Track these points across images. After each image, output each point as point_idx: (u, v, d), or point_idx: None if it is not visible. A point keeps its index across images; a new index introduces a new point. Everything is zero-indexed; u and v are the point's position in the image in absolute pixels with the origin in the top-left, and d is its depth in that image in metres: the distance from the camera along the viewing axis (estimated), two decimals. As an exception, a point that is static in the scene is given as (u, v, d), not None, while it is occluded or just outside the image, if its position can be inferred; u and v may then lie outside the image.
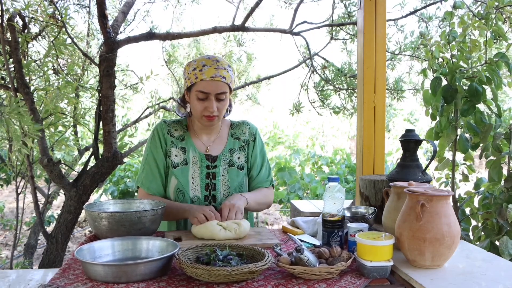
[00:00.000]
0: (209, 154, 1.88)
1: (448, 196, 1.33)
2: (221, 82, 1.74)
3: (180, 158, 1.85)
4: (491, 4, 2.45)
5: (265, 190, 1.97)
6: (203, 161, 1.86)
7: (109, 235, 1.49)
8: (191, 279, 1.24)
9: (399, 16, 3.99)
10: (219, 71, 1.74)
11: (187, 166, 1.85)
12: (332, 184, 1.48)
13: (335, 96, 4.24)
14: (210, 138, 1.91)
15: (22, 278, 1.40)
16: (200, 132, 1.90)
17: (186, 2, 4.48)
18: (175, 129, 1.89)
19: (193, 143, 1.88)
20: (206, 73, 1.73)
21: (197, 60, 1.78)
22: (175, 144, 1.86)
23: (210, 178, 1.86)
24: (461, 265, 1.38)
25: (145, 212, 1.53)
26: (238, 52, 4.87)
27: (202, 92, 1.74)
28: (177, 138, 1.88)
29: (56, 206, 6.76)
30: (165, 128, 1.88)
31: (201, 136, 1.90)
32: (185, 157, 1.86)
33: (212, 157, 1.88)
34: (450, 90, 2.36)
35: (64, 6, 3.38)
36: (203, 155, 1.87)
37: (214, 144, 1.91)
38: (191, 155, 1.86)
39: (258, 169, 1.96)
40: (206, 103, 1.76)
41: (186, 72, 1.80)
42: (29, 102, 2.60)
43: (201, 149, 1.88)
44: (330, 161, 7.34)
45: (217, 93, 1.74)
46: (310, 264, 1.25)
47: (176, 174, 1.83)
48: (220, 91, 1.75)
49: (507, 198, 2.24)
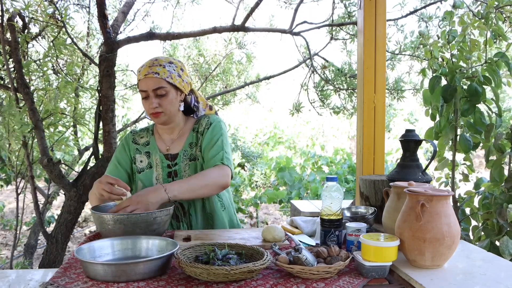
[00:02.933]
0: (168, 154, 1.90)
1: (448, 196, 1.32)
2: (154, 77, 1.77)
3: (145, 163, 1.90)
4: (491, 4, 2.45)
5: (207, 171, 1.77)
6: (163, 162, 1.88)
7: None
8: (190, 278, 1.24)
9: (399, 16, 3.99)
10: (153, 68, 1.78)
11: (151, 170, 1.88)
12: (330, 183, 1.48)
13: (335, 96, 4.25)
14: (172, 137, 1.93)
15: (22, 278, 1.40)
16: (162, 133, 1.94)
17: (186, 2, 4.48)
18: (140, 136, 1.95)
19: (156, 145, 1.92)
20: (142, 73, 1.79)
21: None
22: (140, 151, 1.91)
23: (172, 177, 1.87)
24: (461, 265, 1.38)
25: (160, 212, 1.54)
26: (239, 55, 4.88)
27: (142, 91, 1.80)
28: (142, 144, 1.93)
29: (56, 206, 6.76)
30: (130, 137, 1.95)
31: (164, 136, 1.93)
32: (149, 161, 1.89)
33: (172, 155, 1.89)
34: (449, 90, 2.36)
35: (64, 6, 3.38)
36: (162, 156, 1.89)
37: (175, 142, 1.92)
38: (153, 157, 1.89)
39: (208, 151, 1.82)
40: (149, 101, 1.80)
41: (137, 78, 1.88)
42: (29, 102, 2.60)
43: (162, 149, 1.91)
44: (330, 161, 7.34)
45: (153, 89, 1.77)
46: (308, 264, 1.25)
47: (141, 178, 1.87)
48: (156, 86, 1.77)
49: (507, 198, 2.24)
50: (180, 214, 1.86)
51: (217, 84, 5.02)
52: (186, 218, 1.86)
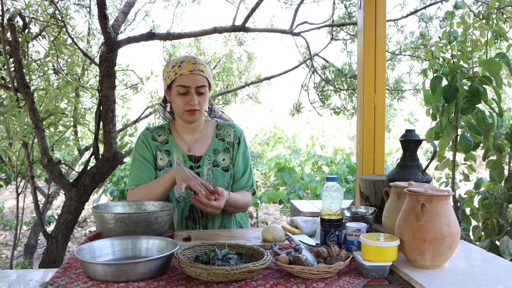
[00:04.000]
0: (192, 155, 1.90)
1: (448, 196, 1.32)
2: (199, 75, 1.79)
3: (165, 161, 1.89)
4: (493, 4, 2.45)
5: (247, 195, 1.96)
6: (186, 162, 1.89)
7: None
8: (190, 278, 1.24)
9: (400, 16, 3.99)
10: (197, 65, 1.80)
11: (172, 168, 1.87)
12: (330, 183, 1.48)
13: (335, 96, 4.25)
14: (193, 138, 1.93)
15: (22, 278, 1.40)
16: (183, 132, 1.93)
17: (186, 2, 4.49)
18: (158, 134, 1.93)
19: (176, 144, 1.91)
20: (184, 68, 1.78)
21: (175, 59, 1.84)
22: (160, 148, 1.90)
23: None
24: (461, 265, 1.38)
25: (161, 212, 1.54)
26: (238, 52, 4.88)
27: (182, 86, 1.79)
28: (161, 142, 1.91)
29: (56, 206, 6.76)
30: (149, 135, 1.92)
31: (184, 136, 1.93)
32: (169, 159, 1.89)
33: (196, 157, 1.90)
34: (450, 90, 2.36)
35: (65, 6, 3.39)
36: (186, 156, 1.89)
37: (197, 144, 1.92)
38: (175, 156, 1.89)
39: (240, 173, 1.96)
40: (187, 97, 1.79)
41: (166, 72, 1.85)
42: (29, 102, 2.60)
43: (184, 149, 1.90)
44: (330, 161, 7.34)
45: (197, 86, 1.79)
46: (308, 264, 1.25)
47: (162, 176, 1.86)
48: (200, 84, 1.79)
49: (508, 198, 2.24)
50: (198, 217, 1.88)
51: (218, 84, 5.02)
52: (203, 221, 1.89)
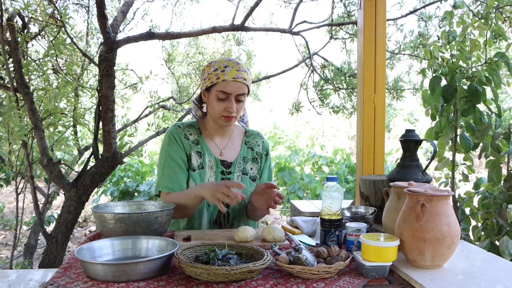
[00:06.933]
0: (224, 160, 1.89)
1: (448, 196, 1.32)
2: (242, 83, 1.77)
3: (197, 162, 1.86)
4: (491, 4, 2.45)
5: None
6: (218, 166, 1.88)
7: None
8: (190, 278, 1.24)
9: (399, 15, 3.99)
10: (241, 72, 1.77)
11: (204, 170, 1.86)
12: (330, 183, 1.48)
13: (334, 95, 4.25)
14: (224, 140, 1.93)
15: (22, 278, 1.40)
16: (214, 134, 1.91)
17: (185, 1, 4.47)
18: (190, 133, 1.89)
19: (208, 146, 1.89)
20: (228, 74, 1.75)
21: (217, 61, 1.79)
22: (192, 148, 1.87)
23: None
24: (461, 265, 1.38)
25: (161, 212, 1.54)
26: (237, 51, 4.87)
27: (223, 92, 1.76)
28: (193, 142, 1.88)
29: (56, 206, 6.76)
30: (181, 132, 1.87)
31: (215, 138, 1.91)
32: (201, 161, 1.87)
33: (227, 163, 1.90)
34: (449, 90, 2.36)
35: (64, 5, 3.38)
36: (218, 160, 1.88)
37: (227, 149, 1.92)
38: (206, 159, 1.87)
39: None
40: (226, 104, 1.77)
41: (206, 73, 1.80)
42: (28, 102, 2.60)
43: (215, 153, 1.89)
44: (330, 161, 7.34)
45: (238, 94, 1.77)
46: (308, 264, 1.25)
47: (195, 177, 1.84)
48: (241, 92, 1.78)
49: (507, 198, 2.24)
50: (224, 222, 1.89)
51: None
52: (228, 227, 1.90)
